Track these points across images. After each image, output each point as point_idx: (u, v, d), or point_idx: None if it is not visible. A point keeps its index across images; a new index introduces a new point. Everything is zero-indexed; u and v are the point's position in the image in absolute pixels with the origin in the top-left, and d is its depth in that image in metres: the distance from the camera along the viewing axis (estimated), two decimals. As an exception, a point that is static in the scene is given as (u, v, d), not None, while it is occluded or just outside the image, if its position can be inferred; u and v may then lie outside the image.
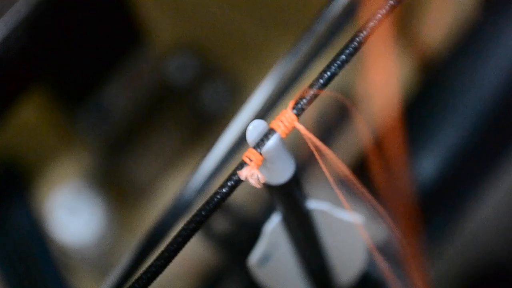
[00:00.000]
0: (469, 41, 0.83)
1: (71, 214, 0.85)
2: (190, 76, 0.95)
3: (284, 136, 0.31)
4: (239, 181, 0.31)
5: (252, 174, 0.31)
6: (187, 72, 0.95)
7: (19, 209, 0.88)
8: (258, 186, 0.31)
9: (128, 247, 0.88)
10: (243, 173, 0.31)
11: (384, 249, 0.75)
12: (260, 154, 0.31)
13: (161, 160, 0.91)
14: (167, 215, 0.52)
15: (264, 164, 0.32)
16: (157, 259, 0.32)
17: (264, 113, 0.54)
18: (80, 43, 0.74)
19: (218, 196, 0.31)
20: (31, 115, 0.93)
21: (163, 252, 0.32)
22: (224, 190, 0.31)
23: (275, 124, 0.32)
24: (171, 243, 0.31)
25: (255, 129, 0.32)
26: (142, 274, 0.31)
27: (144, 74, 0.82)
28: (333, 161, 0.32)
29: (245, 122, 0.53)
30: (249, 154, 0.31)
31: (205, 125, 0.93)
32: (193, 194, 0.52)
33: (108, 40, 0.79)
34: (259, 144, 0.32)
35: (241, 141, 0.53)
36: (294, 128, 0.32)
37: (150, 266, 0.32)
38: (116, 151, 0.84)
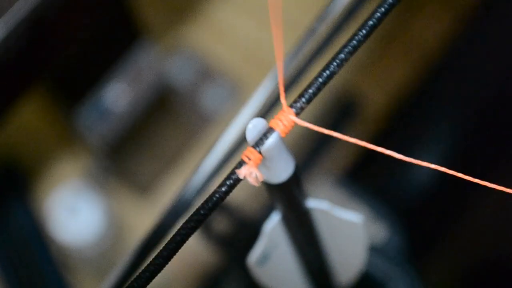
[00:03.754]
0: (469, 41, 0.83)
1: (71, 214, 0.85)
2: (190, 76, 0.95)
3: (283, 135, 0.31)
4: (237, 180, 0.31)
5: (251, 173, 0.31)
6: (187, 72, 0.95)
7: (19, 209, 0.88)
8: (256, 184, 0.31)
9: (128, 247, 0.88)
10: (241, 172, 0.31)
11: (384, 249, 0.75)
12: (260, 153, 0.31)
13: (161, 160, 0.91)
14: (167, 215, 0.52)
15: (263, 163, 0.32)
16: (156, 258, 0.32)
17: (264, 113, 0.54)
18: (80, 43, 0.74)
19: (217, 195, 0.31)
20: (31, 115, 0.93)
21: (161, 251, 0.31)
22: (223, 189, 0.31)
23: (274, 123, 0.32)
24: (169, 242, 0.31)
25: (255, 127, 0.32)
26: (141, 273, 0.31)
27: (144, 74, 0.82)
28: (346, 139, 0.32)
29: (245, 122, 0.53)
30: (248, 153, 0.31)
31: (205, 125, 0.93)
32: (193, 194, 0.52)
33: (108, 40, 0.79)
34: (258, 143, 0.31)
35: (241, 141, 0.53)
36: (293, 127, 0.31)
37: (149, 265, 0.31)
38: (116, 151, 0.84)
